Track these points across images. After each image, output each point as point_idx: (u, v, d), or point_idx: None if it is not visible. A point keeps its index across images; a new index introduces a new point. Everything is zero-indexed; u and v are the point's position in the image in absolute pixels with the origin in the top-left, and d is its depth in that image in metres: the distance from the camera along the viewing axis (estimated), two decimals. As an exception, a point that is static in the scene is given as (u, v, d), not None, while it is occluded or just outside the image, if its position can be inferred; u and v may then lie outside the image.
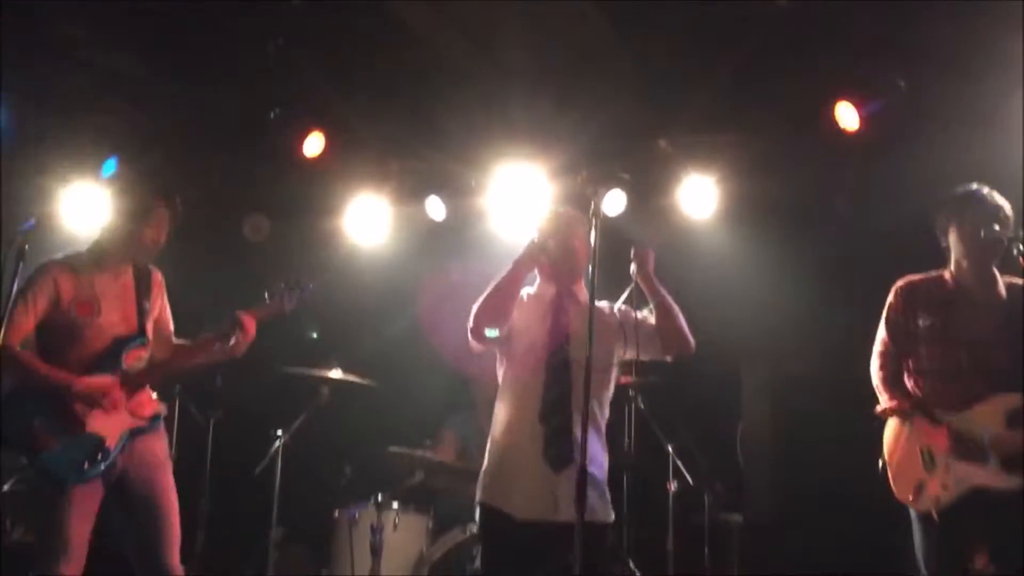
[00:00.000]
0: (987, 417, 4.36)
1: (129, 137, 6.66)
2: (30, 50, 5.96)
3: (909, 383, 4.63)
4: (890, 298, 4.73)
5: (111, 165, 6.59)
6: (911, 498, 4.47)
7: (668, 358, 4.50)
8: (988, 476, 4.31)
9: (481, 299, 4.28)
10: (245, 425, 6.59)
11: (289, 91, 6.44)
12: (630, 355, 4.39)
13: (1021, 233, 4.34)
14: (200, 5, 5.69)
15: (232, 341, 4.66)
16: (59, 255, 4.57)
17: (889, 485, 4.60)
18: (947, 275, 4.62)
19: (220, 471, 6.44)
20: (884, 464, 4.61)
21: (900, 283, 4.72)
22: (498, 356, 4.44)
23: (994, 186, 4.63)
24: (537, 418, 4.19)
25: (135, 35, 6.03)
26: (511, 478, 4.18)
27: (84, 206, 6.58)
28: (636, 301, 4.45)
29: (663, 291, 4.39)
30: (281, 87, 6.39)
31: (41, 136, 6.61)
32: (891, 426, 4.64)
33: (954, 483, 4.35)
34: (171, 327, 4.85)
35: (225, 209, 7.19)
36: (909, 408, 4.55)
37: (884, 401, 4.65)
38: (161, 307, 4.78)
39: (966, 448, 4.36)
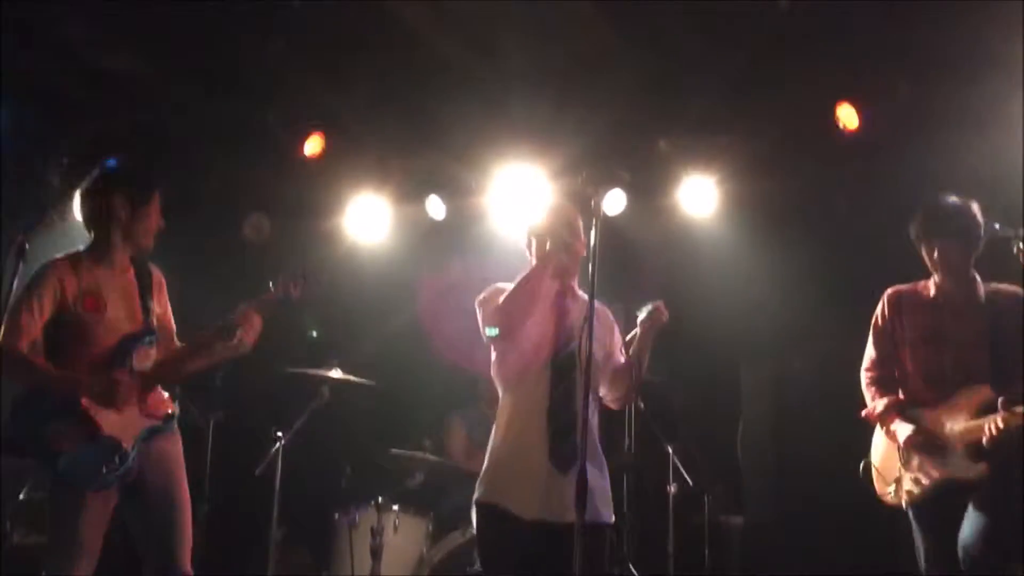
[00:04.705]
0: (955, 410, 4.49)
1: (129, 137, 6.65)
2: (30, 50, 5.95)
3: (899, 386, 4.77)
4: (878, 306, 4.88)
5: (111, 165, 6.57)
6: (889, 493, 4.63)
7: (603, 400, 4.46)
8: (953, 468, 4.44)
9: (510, 298, 4.16)
10: (245, 426, 6.58)
11: (289, 91, 6.44)
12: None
13: (1021, 232, 4.38)
14: (200, 5, 5.68)
15: (236, 338, 4.49)
16: (60, 254, 4.47)
17: (871, 485, 4.76)
18: (931, 283, 4.76)
19: (220, 472, 6.42)
20: (867, 466, 4.78)
21: (888, 292, 4.87)
22: (497, 352, 4.33)
23: (994, 186, 4.68)
24: (544, 418, 4.12)
25: (135, 35, 6.02)
26: (517, 478, 4.09)
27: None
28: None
29: (647, 354, 4.30)
30: (281, 87, 6.39)
31: (41, 136, 6.61)
32: (878, 429, 4.81)
33: (924, 477, 4.50)
34: (173, 328, 4.73)
35: (225, 209, 7.19)
36: (885, 408, 4.69)
37: (868, 403, 4.82)
38: (163, 307, 4.67)
39: (932, 443, 4.50)
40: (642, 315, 4.28)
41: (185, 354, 4.64)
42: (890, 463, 4.66)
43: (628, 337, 4.32)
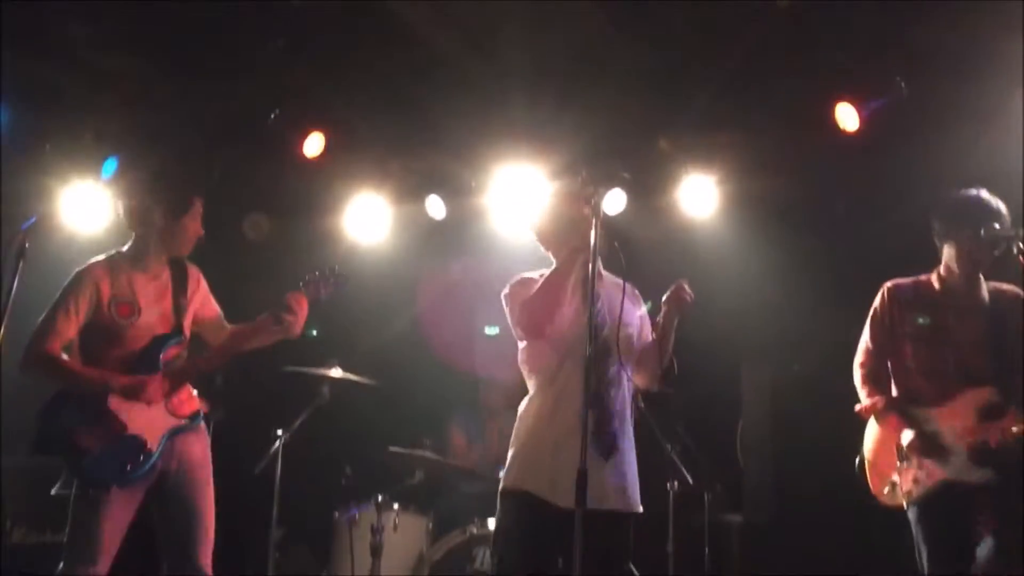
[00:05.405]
0: (959, 412, 4.49)
1: (129, 137, 6.67)
2: (30, 50, 5.96)
3: (892, 382, 4.78)
4: (877, 299, 4.87)
5: (111, 165, 6.59)
6: (885, 492, 4.63)
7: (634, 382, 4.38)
8: (956, 470, 4.43)
9: (538, 298, 4.09)
10: (246, 425, 6.58)
11: (289, 91, 6.45)
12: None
13: (1021, 232, 4.38)
14: (200, 5, 5.69)
15: (286, 323, 4.67)
16: (99, 257, 4.60)
17: (865, 481, 4.77)
18: (935, 278, 4.75)
19: (220, 471, 6.41)
20: (861, 460, 4.79)
21: (888, 285, 4.86)
22: (527, 345, 4.26)
23: (994, 186, 4.67)
24: (582, 405, 3.90)
25: (135, 35, 6.03)
26: (552, 466, 3.97)
27: (84, 205, 6.61)
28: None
29: (672, 337, 4.24)
30: (281, 87, 6.40)
31: (41, 136, 6.62)
32: (871, 423, 4.81)
33: (925, 477, 4.48)
34: (219, 313, 4.86)
35: (225, 208, 7.18)
36: (884, 406, 4.70)
37: (863, 398, 4.81)
38: (203, 299, 4.80)
39: (931, 444, 4.49)
40: (664, 296, 4.20)
41: (242, 336, 4.77)
42: (885, 459, 4.66)
43: (657, 317, 4.28)
